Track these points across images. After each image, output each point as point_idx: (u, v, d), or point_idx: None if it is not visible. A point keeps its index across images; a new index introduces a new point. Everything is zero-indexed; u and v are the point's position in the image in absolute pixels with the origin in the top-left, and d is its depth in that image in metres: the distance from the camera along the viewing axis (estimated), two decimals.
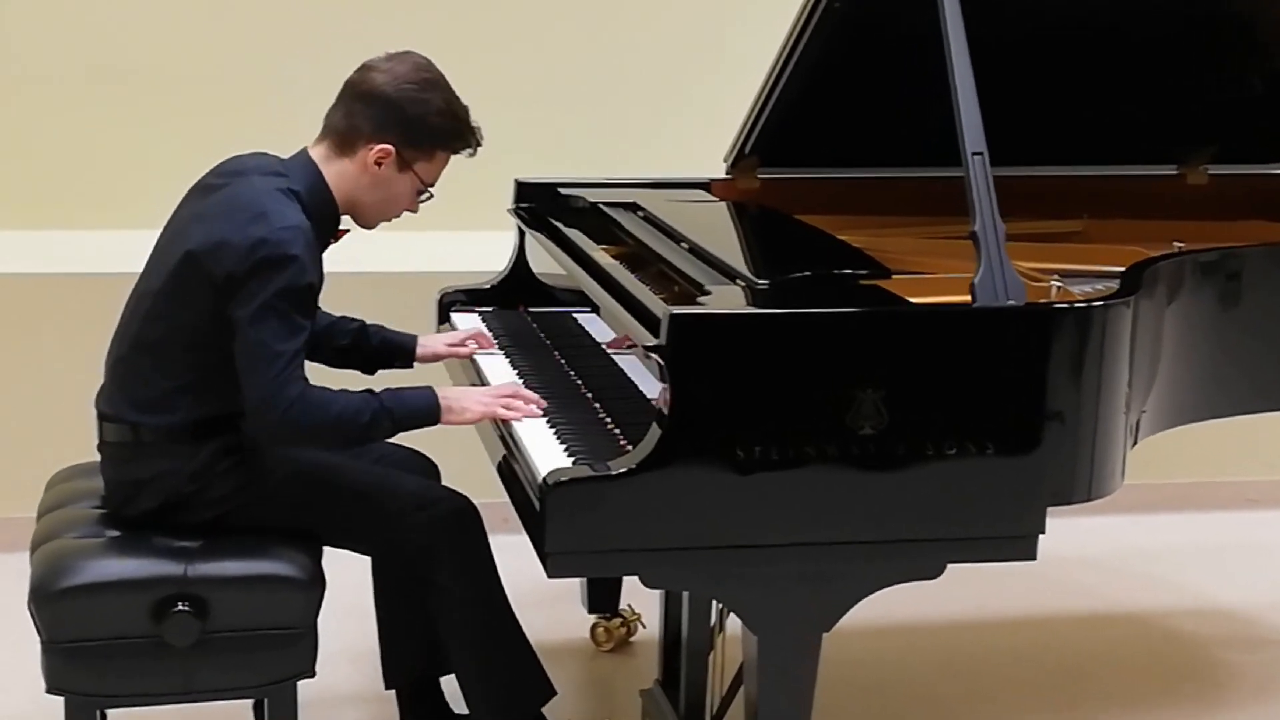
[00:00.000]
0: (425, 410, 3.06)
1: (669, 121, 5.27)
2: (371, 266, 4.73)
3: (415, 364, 3.51)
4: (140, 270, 3.15)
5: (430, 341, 3.52)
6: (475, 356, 3.50)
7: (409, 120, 3.08)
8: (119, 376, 3.12)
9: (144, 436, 3.08)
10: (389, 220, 3.22)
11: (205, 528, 3.07)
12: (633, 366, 3.16)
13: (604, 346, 3.38)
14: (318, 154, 3.13)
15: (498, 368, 3.42)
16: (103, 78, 5.01)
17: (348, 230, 3.21)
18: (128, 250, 3.20)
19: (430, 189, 3.18)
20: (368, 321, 3.49)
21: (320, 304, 3.41)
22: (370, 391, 3.04)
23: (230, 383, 2.99)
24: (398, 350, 3.49)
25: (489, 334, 3.57)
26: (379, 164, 3.09)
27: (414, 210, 3.21)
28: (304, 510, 3.13)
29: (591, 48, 5.26)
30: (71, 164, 5.02)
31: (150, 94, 5.03)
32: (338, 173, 3.11)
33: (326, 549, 3.18)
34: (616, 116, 5.26)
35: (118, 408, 3.10)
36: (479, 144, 3.19)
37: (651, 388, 2.86)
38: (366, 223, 3.21)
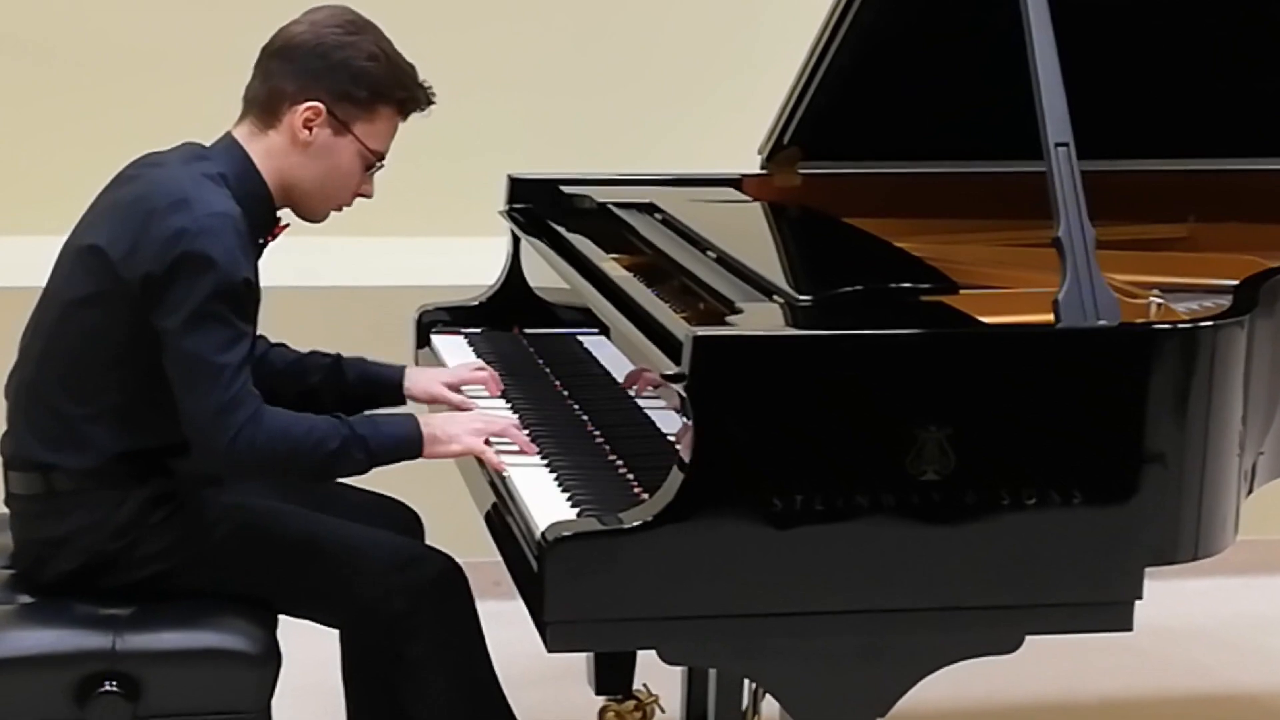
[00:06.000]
0: (405, 440, 3.06)
1: (692, 107, 5.28)
2: (335, 280, 4.75)
3: (407, 401, 3.47)
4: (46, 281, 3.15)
5: (422, 378, 3.47)
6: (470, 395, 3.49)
7: (335, 68, 3.08)
8: (23, 407, 3.13)
9: (58, 484, 3.08)
10: (338, 207, 3.21)
11: (136, 591, 3.08)
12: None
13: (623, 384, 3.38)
14: (241, 134, 3.15)
15: (493, 403, 3.42)
16: (11, 52, 5.02)
17: (287, 225, 3.21)
18: (37, 260, 3.21)
19: (380, 158, 3.17)
20: (344, 355, 3.46)
21: (278, 334, 3.42)
22: (338, 416, 3.05)
23: (158, 410, 3.00)
24: (382, 385, 3.46)
25: (496, 377, 3.49)
26: (309, 127, 3.09)
27: (368, 193, 3.20)
28: (255, 572, 3.13)
29: (599, 21, 5.27)
30: None
31: (70, 74, 5.04)
32: (265, 151, 3.12)
33: (283, 618, 3.18)
34: (629, 101, 5.27)
35: (25, 448, 3.11)
36: (430, 100, 3.18)
37: (672, 424, 2.86)
38: (311, 211, 3.20)
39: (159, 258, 2.93)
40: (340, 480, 3.37)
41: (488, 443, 3.08)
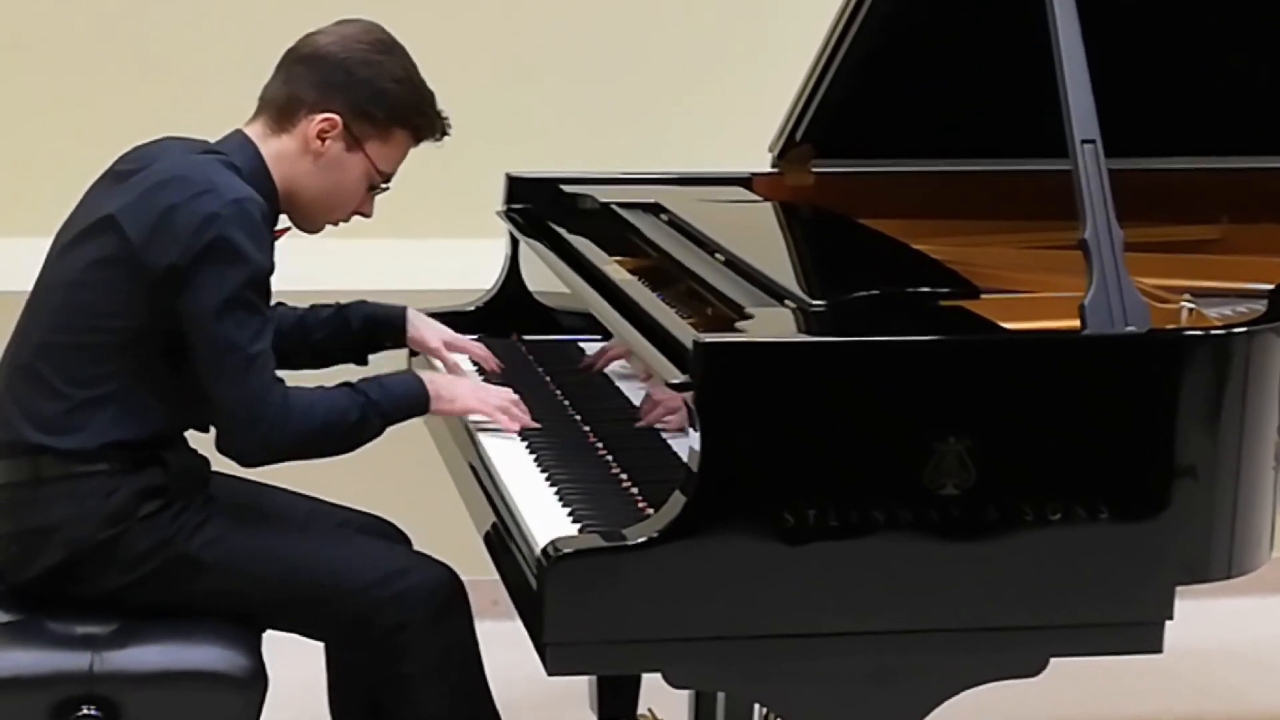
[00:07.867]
0: (414, 398, 3.18)
1: (700, 102, 5.27)
2: (326, 283, 4.73)
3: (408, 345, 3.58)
4: (31, 286, 3.17)
5: (423, 325, 3.56)
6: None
7: (358, 84, 3.15)
8: (17, 391, 3.14)
9: (45, 470, 3.09)
10: (335, 221, 3.27)
11: (117, 602, 3.07)
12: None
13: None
14: (253, 132, 3.20)
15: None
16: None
17: (287, 229, 3.26)
18: (13, 261, 3.22)
19: (386, 180, 3.23)
20: (343, 302, 3.54)
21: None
22: (349, 385, 3.14)
23: (160, 397, 3.07)
24: (385, 326, 3.56)
25: (494, 359, 3.58)
26: (322, 138, 3.15)
27: (367, 212, 3.27)
28: (240, 582, 3.13)
29: (601, 13, 5.26)
30: None
31: (49, 67, 5.04)
32: (276, 153, 3.18)
33: (269, 633, 3.17)
34: (633, 96, 5.26)
35: (15, 431, 3.11)
36: (445, 131, 3.26)
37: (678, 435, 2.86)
38: (309, 221, 3.26)
39: (188, 244, 2.98)
40: (327, 499, 3.40)
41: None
